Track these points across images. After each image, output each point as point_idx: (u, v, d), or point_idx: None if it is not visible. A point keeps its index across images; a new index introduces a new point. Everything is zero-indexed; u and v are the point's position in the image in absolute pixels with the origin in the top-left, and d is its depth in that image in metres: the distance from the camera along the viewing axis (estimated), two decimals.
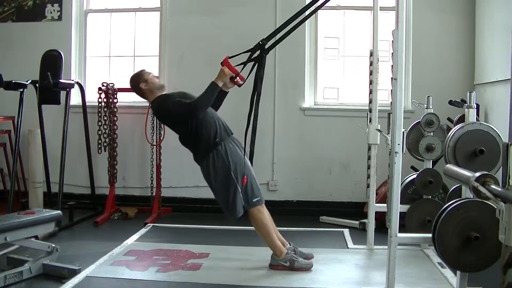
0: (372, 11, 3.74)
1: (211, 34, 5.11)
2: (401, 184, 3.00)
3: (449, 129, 3.37)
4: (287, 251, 3.31)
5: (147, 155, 5.10)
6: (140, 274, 3.24)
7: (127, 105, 5.23)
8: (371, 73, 3.67)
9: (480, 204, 2.17)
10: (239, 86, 3.24)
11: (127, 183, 5.30)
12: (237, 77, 3.15)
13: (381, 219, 3.35)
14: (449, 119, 4.55)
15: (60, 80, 4.50)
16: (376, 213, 3.77)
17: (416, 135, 3.84)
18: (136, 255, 3.62)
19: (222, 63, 3.14)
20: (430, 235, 2.35)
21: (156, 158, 4.98)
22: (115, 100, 5.01)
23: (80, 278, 3.09)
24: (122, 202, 5.15)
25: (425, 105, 3.85)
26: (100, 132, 4.94)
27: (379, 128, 3.62)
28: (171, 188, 5.21)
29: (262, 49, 2.82)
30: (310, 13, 2.92)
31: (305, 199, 5.12)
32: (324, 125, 5.12)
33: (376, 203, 3.82)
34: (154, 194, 4.99)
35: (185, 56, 5.19)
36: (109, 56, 5.51)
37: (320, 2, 2.87)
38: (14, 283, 2.99)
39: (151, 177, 5.02)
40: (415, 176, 3.67)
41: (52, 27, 5.36)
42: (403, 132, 2.67)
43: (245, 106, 2.88)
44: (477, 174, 1.86)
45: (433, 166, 3.79)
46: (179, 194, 5.25)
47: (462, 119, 3.39)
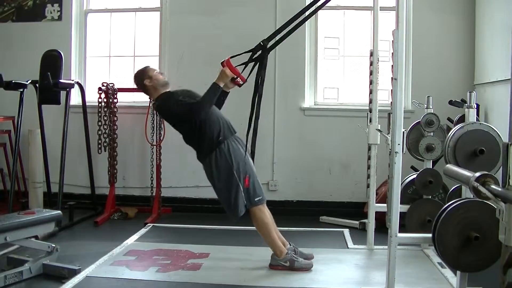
0: (372, 11, 3.74)
1: (211, 34, 5.11)
2: (401, 184, 2.99)
3: (449, 129, 3.37)
4: (287, 251, 3.31)
5: (147, 155, 5.10)
6: (140, 274, 3.24)
7: (127, 105, 5.23)
8: (371, 73, 3.67)
9: (480, 204, 2.17)
10: (239, 86, 3.24)
11: (127, 183, 5.30)
12: (238, 78, 3.16)
13: (381, 219, 3.35)
14: (449, 119, 4.55)
15: (60, 80, 4.50)
16: (376, 213, 3.77)
17: (416, 135, 3.84)
18: (136, 255, 3.62)
19: (223, 64, 3.14)
20: (430, 235, 2.35)
21: (156, 158, 4.98)
22: (115, 100, 5.01)
23: (80, 278, 3.09)
24: (122, 202, 5.15)
25: (425, 105, 3.85)
26: (100, 132, 4.94)
27: (379, 128, 3.62)
28: (171, 188, 5.21)
29: (264, 50, 2.81)
30: (311, 13, 2.91)
31: (305, 199, 5.12)
32: (324, 125, 5.12)
33: (376, 203, 3.82)
34: (154, 194, 4.99)
35: (185, 56, 5.19)
36: (109, 56, 5.51)
37: (321, 2, 2.87)
38: (14, 283, 2.99)
39: (151, 177, 5.02)
40: (415, 176, 3.67)
41: (52, 27, 5.36)
42: (403, 132, 2.67)
43: (246, 107, 2.87)
44: (477, 174, 1.86)
45: (433, 166, 3.79)
46: (179, 194, 5.25)
47: (462, 119, 3.39)
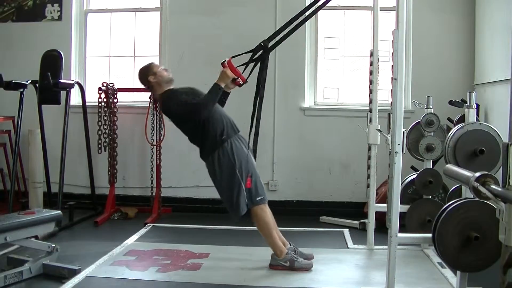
0: (372, 11, 3.74)
1: (211, 34, 5.11)
2: (401, 184, 2.99)
3: (449, 129, 3.37)
4: (287, 251, 3.31)
5: (147, 155, 5.10)
6: (140, 274, 3.23)
7: (127, 105, 5.23)
8: (371, 73, 3.67)
9: (480, 204, 2.17)
10: (240, 87, 3.24)
11: (127, 183, 5.30)
12: (239, 78, 3.15)
13: (381, 219, 3.35)
14: (449, 119, 4.55)
15: (60, 80, 4.50)
16: (376, 213, 3.77)
17: (416, 135, 3.84)
18: (136, 255, 3.62)
19: (223, 64, 3.14)
20: (430, 235, 2.35)
21: (156, 158, 4.97)
22: (115, 100, 5.01)
23: (80, 278, 3.09)
24: (122, 202, 5.15)
25: (425, 105, 3.85)
26: (100, 132, 4.94)
27: (379, 128, 3.62)
28: (171, 188, 5.21)
29: (264, 50, 2.80)
30: (311, 14, 2.91)
31: (305, 199, 5.12)
32: (324, 125, 5.12)
33: (376, 203, 3.82)
34: (154, 194, 4.98)
35: (185, 56, 5.18)
36: (109, 56, 5.51)
37: (321, 2, 2.86)
38: (14, 283, 2.99)
39: (151, 177, 5.02)
40: (415, 176, 3.66)
41: (52, 27, 5.36)
42: (403, 132, 2.67)
43: (247, 107, 2.88)
44: (477, 174, 1.86)
45: (433, 166, 3.79)
46: (179, 194, 5.25)
47: (462, 119, 3.39)
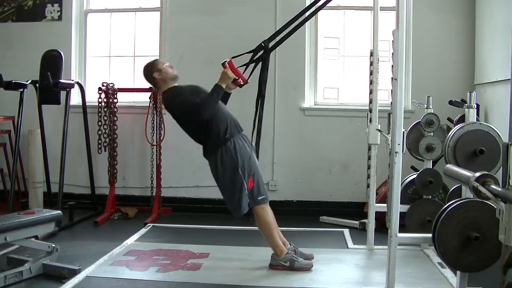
0: (372, 11, 3.74)
1: (211, 34, 5.11)
2: (401, 184, 2.99)
3: (449, 129, 3.37)
4: (288, 251, 3.31)
5: (147, 155, 5.10)
6: (140, 274, 3.23)
7: (127, 105, 5.23)
8: (371, 73, 3.67)
9: (480, 204, 2.17)
10: (241, 87, 3.24)
11: (127, 183, 5.30)
12: (239, 78, 3.15)
13: (381, 219, 3.35)
14: (449, 119, 4.55)
15: (60, 80, 4.50)
16: (376, 213, 3.77)
17: (416, 135, 3.84)
18: (136, 255, 3.62)
19: (224, 65, 3.13)
20: (430, 235, 2.35)
21: (156, 158, 4.97)
22: (115, 100, 5.01)
23: (80, 278, 3.09)
24: (122, 202, 5.15)
25: (425, 105, 3.85)
26: (100, 132, 4.94)
27: (379, 128, 3.62)
28: (171, 188, 5.21)
29: (265, 50, 2.80)
30: (311, 14, 2.92)
31: (305, 199, 5.12)
32: (324, 125, 5.12)
33: (376, 203, 3.82)
34: (154, 194, 4.98)
35: (185, 56, 5.18)
36: (109, 56, 5.51)
37: (321, 3, 2.87)
38: (14, 283, 2.99)
39: (151, 177, 5.01)
40: (415, 176, 3.67)
41: (52, 27, 5.36)
42: (403, 132, 2.67)
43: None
44: (477, 174, 1.86)
45: (433, 166, 3.79)
46: (179, 194, 5.25)
47: (462, 119, 3.39)
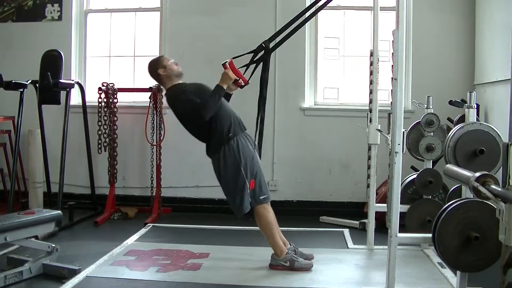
0: (372, 11, 3.74)
1: (211, 34, 5.11)
2: (401, 184, 2.99)
3: (449, 129, 3.37)
4: (288, 251, 3.31)
5: (147, 155, 5.10)
6: (140, 274, 3.23)
7: (127, 105, 5.23)
8: (371, 73, 3.67)
9: (480, 204, 2.17)
10: (241, 88, 3.24)
11: (127, 183, 5.29)
12: (240, 79, 3.15)
13: (381, 219, 3.35)
14: (449, 119, 4.54)
15: (60, 80, 4.50)
16: (376, 213, 3.77)
17: (416, 135, 3.84)
18: (136, 255, 3.62)
19: (225, 66, 3.13)
20: (430, 235, 2.35)
21: (156, 158, 4.97)
22: (115, 100, 5.01)
23: (80, 278, 3.09)
24: (122, 202, 5.15)
25: (425, 105, 3.85)
26: (100, 132, 4.94)
27: (379, 128, 3.62)
28: (171, 188, 5.20)
29: (266, 51, 2.79)
30: (311, 14, 2.91)
31: (305, 199, 5.12)
32: (324, 125, 5.12)
33: (376, 203, 3.82)
34: (154, 194, 4.98)
35: (185, 56, 5.17)
36: (109, 56, 5.51)
37: (322, 3, 2.86)
38: (14, 283, 2.99)
39: (151, 177, 5.01)
40: (415, 176, 3.66)
41: (52, 27, 5.35)
42: (403, 132, 2.67)
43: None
44: (477, 174, 1.86)
45: (433, 166, 3.79)
46: (179, 194, 5.25)
47: (462, 119, 3.39)
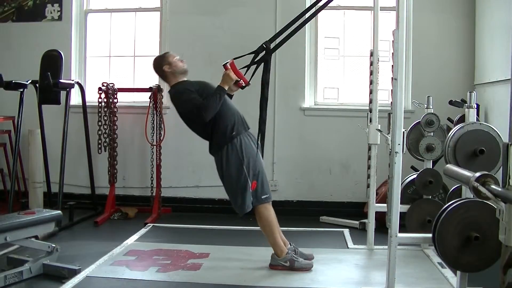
0: (372, 11, 3.74)
1: (211, 34, 5.12)
2: (401, 184, 2.99)
3: (449, 129, 3.37)
4: (288, 251, 3.31)
5: (147, 155, 5.10)
6: (140, 274, 3.23)
7: (127, 105, 5.24)
8: (371, 73, 3.67)
9: (480, 204, 2.16)
10: (242, 89, 3.24)
11: (127, 183, 5.29)
12: (241, 80, 3.15)
13: (381, 219, 3.35)
14: (449, 119, 4.54)
15: (60, 80, 4.50)
16: (376, 213, 3.77)
17: (416, 135, 3.84)
18: (136, 255, 3.62)
19: (225, 66, 3.12)
20: (430, 235, 2.34)
21: (156, 158, 4.97)
22: (115, 100, 5.01)
23: (80, 278, 3.09)
24: (122, 202, 5.15)
25: (425, 105, 3.85)
26: (100, 132, 4.94)
27: (379, 128, 3.62)
28: (171, 188, 5.21)
29: (267, 51, 2.79)
30: (312, 15, 2.91)
31: (305, 199, 5.12)
32: (324, 125, 5.12)
33: (376, 203, 3.82)
34: (154, 194, 4.98)
35: (185, 56, 5.15)
36: (109, 56, 5.51)
37: (322, 3, 2.86)
38: (14, 283, 2.99)
39: (151, 177, 5.01)
40: (415, 176, 3.67)
41: (52, 27, 5.36)
42: (403, 132, 2.67)
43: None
44: (477, 174, 1.86)
45: (433, 166, 3.79)
46: (179, 194, 5.25)
47: (462, 119, 3.39)
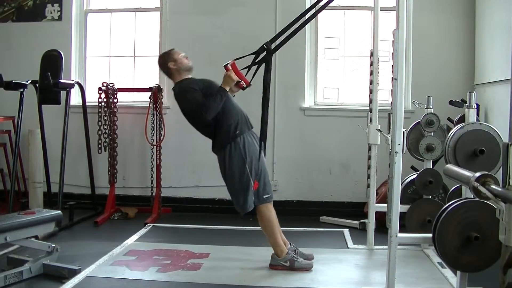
0: (372, 11, 3.74)
1: (211, 34, 5.11)
2: (401, 184, 2.99)
3: (449, 129, 3.38)
4: (288, 251, 3.31)
5: (147, 155, 5.10)
6: (140, 274, 3.23)
7: (127, 105, 5.23)
8: (372, 73, 3.67)
9: (480, 204, 2.16)
10: (243, 90, 3.24)
11: (127, 183, 5.29)
12: (242, 81, 3.15)
13: (381, 219, 3.35)
14: (449, 119, 4.54)
15: (60, 80, 4.50)
16: (376, 213, 3.77)
17: (416, 135, 3.84)
18: (136, 255, 3.62)
19: (226, 67, 3.12)
20: (430, 235, 2.34)
21: (156, 158, 4.97)
22: (115, 100, 5.01)
23: (80, 278, 3.09)
24: (122, 202, 5.15)
25: (425, 105, 3.85)
26: (100, 132, 4.94)
27: (379, 128, 3.62)
28: (171, 188, 5.20)
29: (268, 52, 2.79)
30: (312, 15, 2.91)
31: (305, 199, 5.12)
32: (324, 125, 5.11)
33: (376, 203, 3.82)
34: (154, 194, 4.98)
35: None
36: (109, 56, 5.51)
37: (323, 3, 2.86)
38: (14, 283, 2.99)
39: (151, 177, 5.01)
40: (415, 176, 3.67)
41: (52, 27, 5.35)
42: (403, 132, 2.67)
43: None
44: (477, 174, 1.86)
45: (433, 166, 3.79)
46: (179, 194, 5.25)
47: (462, 119, 3.39)
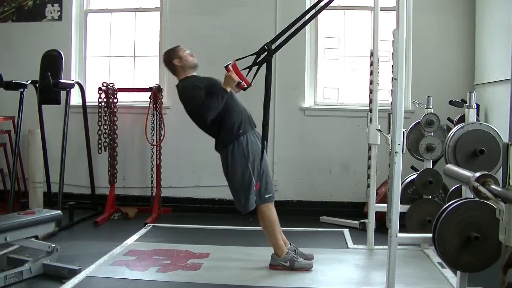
0: (372, 11, 3.74)
1: (211, 34, 5.11)
2: (401, 184, 2.99)
3: (449, 129, 3.37)
4: (288, 251, 3.31)
5: (147, 155, 5.10)
6: (140, 274, 3.23)
7: (127, 105, 5.23)
8: (372, 73, 3.67)
9: (480, 204, 2.16)
10: (244, 90, 3.24)
11: (127, 183, 5.29)
12: (243, 81, 3.15)
13: (381, 219, 3.35)
14: (449, 119, 4.54)
15: (60, 80, 4.50)
16: (376, 213, 3.77)
17: (416, 135, 3.84)
18: (136, 255, 3.62)
19: (227, 68, 3.12)
20: (430, 235, 2.34)
21: (156, 158, 4.97)
22: (115, 100, 5.01)
23: (80, 278, 3.09)
24: (122, 202, 5.15)
25: (425, 105, 3.85)
26: (100, 132, 4.94)
27: (379, 128, 3.62)
28: (171, 188, 5.20)
29: (269, 52, 2.79)
30: (313, 16, 2.91)
31: (305, 199, 5.12)
32: (324, 125, 5.11)
33: (376, 203, 3.82)
34: (154, 194, 4.98)
35: None
36: (109, 56, 5.51)
37: (323, 3, 2.86)
38: (14, 283, 2.99)
39: (151, 177, 5.01)
40: (415, 176, 3.67)
41: (52, 27, 5.36)
42: (403, 132, 2.67)
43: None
44: (477, 174, 1.86)
45: (433, 166, 3.79)
46: (179, 194, 5.25)
47: (462, 119, 3.39)
